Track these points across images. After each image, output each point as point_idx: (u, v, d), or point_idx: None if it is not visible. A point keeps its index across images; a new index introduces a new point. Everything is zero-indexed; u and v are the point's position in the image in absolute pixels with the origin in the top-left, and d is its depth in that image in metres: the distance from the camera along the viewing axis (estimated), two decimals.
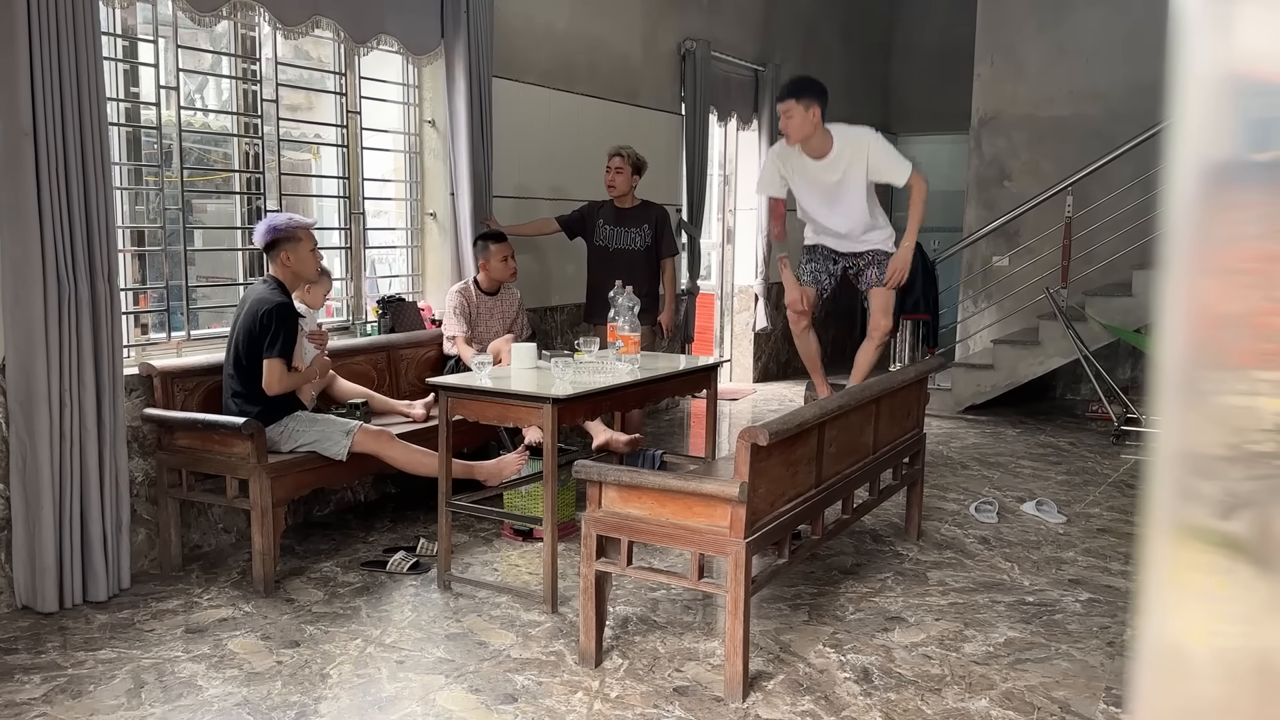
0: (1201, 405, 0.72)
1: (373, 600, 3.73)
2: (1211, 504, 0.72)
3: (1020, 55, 8.02)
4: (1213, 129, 0.71)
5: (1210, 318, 0.71)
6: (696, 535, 2.96)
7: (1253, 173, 0.69)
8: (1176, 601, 0.75)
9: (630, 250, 5.41)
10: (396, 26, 4.92)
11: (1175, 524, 0.74)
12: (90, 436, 3.58)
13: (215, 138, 4.87)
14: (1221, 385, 0.72)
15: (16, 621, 3.49)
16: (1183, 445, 0.73)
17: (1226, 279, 0.70)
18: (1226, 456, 0.71)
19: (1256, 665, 0.70)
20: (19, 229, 3.38)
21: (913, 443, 4.36)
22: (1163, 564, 0.74)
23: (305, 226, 4.01)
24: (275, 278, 3.98)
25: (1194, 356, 0.73)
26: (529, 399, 3.60)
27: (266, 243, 3.96)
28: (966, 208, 8.36)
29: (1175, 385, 0.73)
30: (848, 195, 4.48)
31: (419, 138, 5.46)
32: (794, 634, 3.46)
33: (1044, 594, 3.87)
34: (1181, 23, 0.70)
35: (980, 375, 7.60)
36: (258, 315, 3.84)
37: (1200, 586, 0.73)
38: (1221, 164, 0.71)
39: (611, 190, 5.43)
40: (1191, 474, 0.73)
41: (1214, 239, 0.71)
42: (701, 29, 7.48)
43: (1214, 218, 0.71)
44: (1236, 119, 0.70)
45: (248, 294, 4.03)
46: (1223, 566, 0.72)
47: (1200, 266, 0.72)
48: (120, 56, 4.05)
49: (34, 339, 3.42)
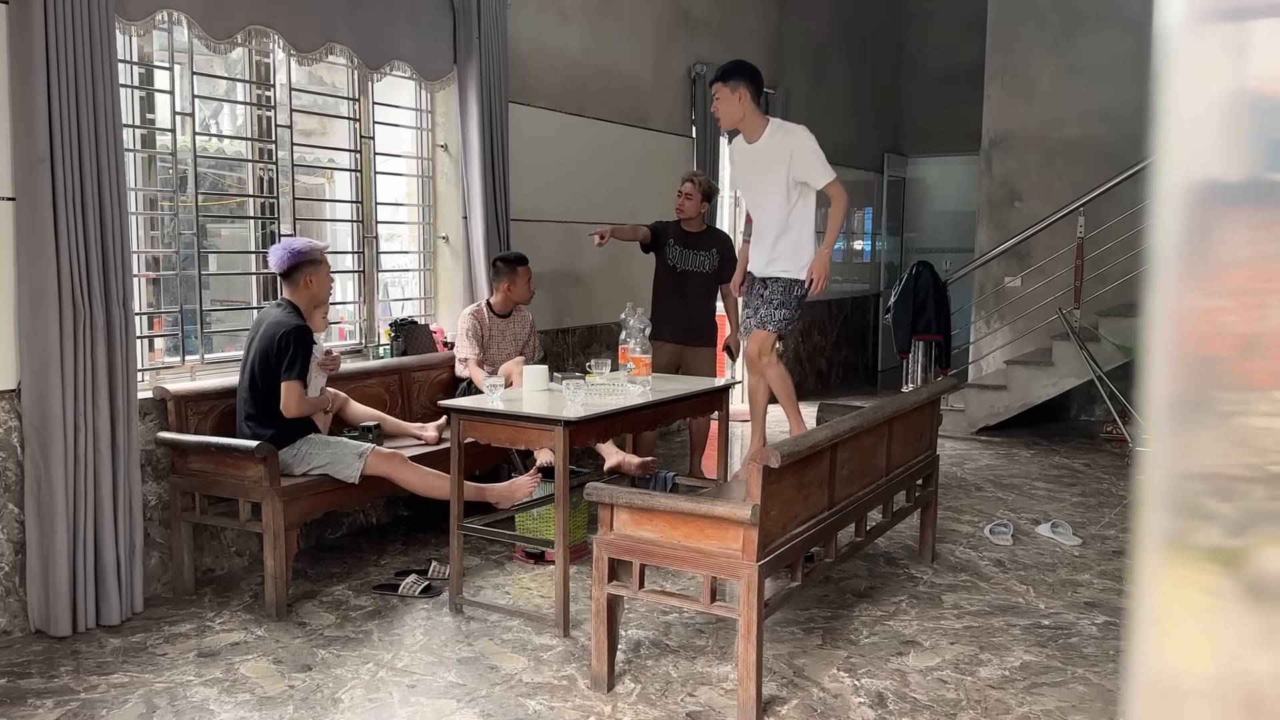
0: (1223, 426, 0.72)
1: (384, 624, 3.72)
2: (1229, 524, 0.72)
3: (1030, 76, 8.03)
4: (1226, 149, 0.71)
5: (1228, 339, 0.71)
6: (709, 558, 2.94)
7: (1272, 193, 0.69)
8: (1171, 625, 0.75)
9: (698, 273, 5.47)
10: (409, 53, 4.96)
11: (1183, 545, 0.73)
12: (104, 460, 3.60)
13: (230, 163, 4.91)
14: (1244, 407, 0.71)
15: (30, 645, 3.49)
16: (1197, 466, 0.73)
17: (1243, 299, 0.70)
18: (1249, 477, 0.71)
19: (1246, 695, 0.70)
20: (36, 255, 3.41)
21: (926, 464, 4.34)
22: (1158, 587, 0.74)
23: (323, 249, 4.04)
24: (290, 301, 3.99)
25: (1212, 378, 0.72)
26: (540, 421, 3.60)
27: (288, 267, 3.97)
28: (978, 228, 8.36)
29: (1171, 406, 0.72)
30: (768, 185, 4.36)
31: (431, 162, 5.50)
32: (808, 658, 3.43)
33: (1060, 617, 3.83)
34: (1167, 46, 0.70)
35: (993, 396, 7.57)
36: (275, 338, 3.86)
37: (1199, 610, 0.73)
38: (1237, 184, 0.71)
39: (681, 213, 5.50)
40: (1210, 495, 0.73)
41: (1230, 260, 0.71)
42: (711, 53, 7.52)
43: (1228, 238, 0.71)
44: (1254, 139, 0.70)
45: (261, 317, 4.05)
46: (1226, 590, 0.72)
47: (1215, 287, 0.71)
48: (137, 83, 4.09)
49: (49, 364, 3.44)
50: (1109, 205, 7.10)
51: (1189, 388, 0.72)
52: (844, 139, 9.98)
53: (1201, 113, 0.70)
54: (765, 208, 4.40)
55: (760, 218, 4.46)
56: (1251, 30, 0.70)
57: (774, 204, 4.35)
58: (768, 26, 8.45)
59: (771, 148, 4.35)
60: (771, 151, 4.34)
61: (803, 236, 4.39)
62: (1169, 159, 0.70)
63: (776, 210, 4.36)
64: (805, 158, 4.29)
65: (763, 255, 4.44)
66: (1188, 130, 0.70)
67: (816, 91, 9.33)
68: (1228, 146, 0.71)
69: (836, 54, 9.75)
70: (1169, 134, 0.70)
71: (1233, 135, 0.70)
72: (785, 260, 4.37)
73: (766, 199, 4.38)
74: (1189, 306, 0.72)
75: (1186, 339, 0.72)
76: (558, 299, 6.17)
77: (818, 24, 9.34)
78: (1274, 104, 0.69)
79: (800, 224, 4.37)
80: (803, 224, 4.38)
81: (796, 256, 4.37)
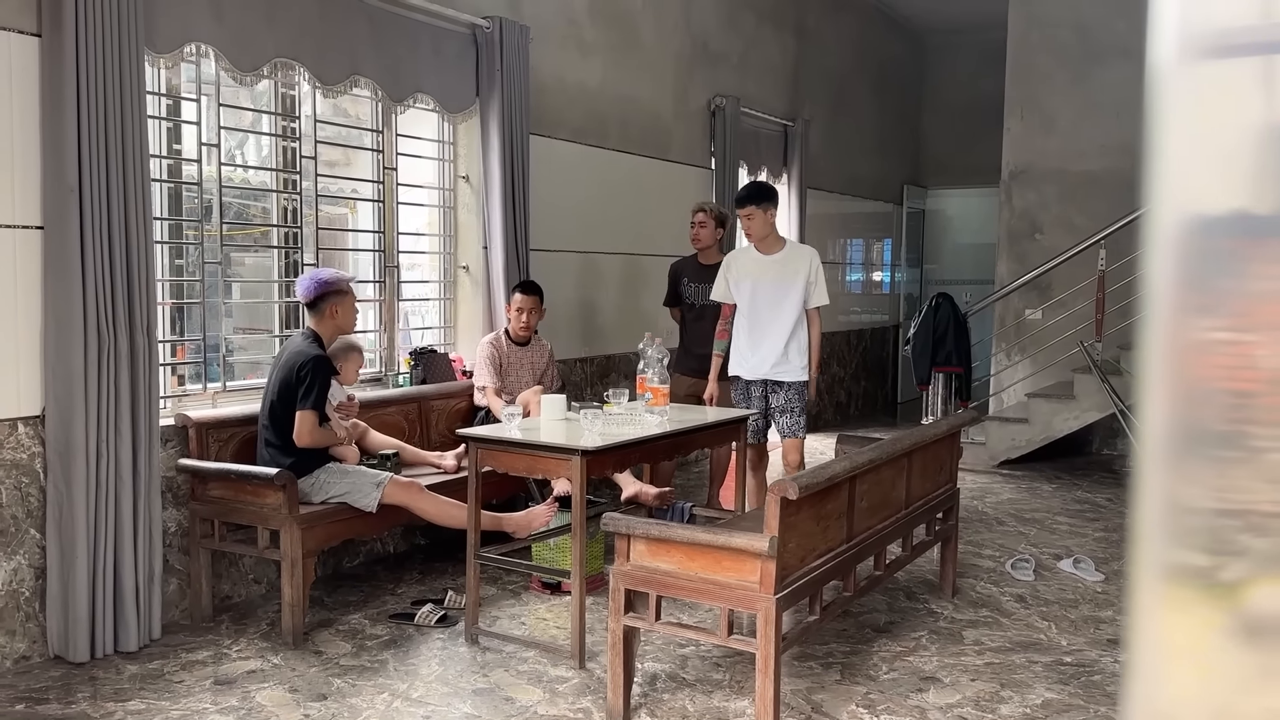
0: (1256, 462, 0.71)
1: (400, 653, 3.71)
2: (1261, 559, 0.71)
3: (1050, 109, 8.04)
4: (1259, 183, 0.71)
5: (1256, 376, 0.71)
6: (726, 590, 2.93)
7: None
8: (1169, 660, 0.74)
9: (715, 305, 5.46)
10: (433, 85, 5.02)
11: (1182, 580, 0.72)
12: (126, 487, 3.62)
13: (254, 193, 4.97)
14: (1275, 443, 0.70)
15: (49, 671, 3.50)
16: (1195, 500, 0.72)
17: (1273, 335, 0.70)
18: (1267, 512, 0.70)
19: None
20: (62, 284, 3.46)
21: (946, 498, 4.31)
22: (1155, 621, 0.73)
23: (350, 279, 4.08)
24: (314, 331, 4.02)
25: (1247, 414, 0.72)
26: (558, 450, 3.60)
27: (315, 296, 4.00)
28: (998, 261, 8.34)
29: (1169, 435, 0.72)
30: (790, 295, 4.80)
31: (453, 193, 5.55)
32: (826, 693, 3.40)
33: (1082, 654, 3.78)
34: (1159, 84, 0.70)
35: (1015, 429, 7.51)
36: (294, 367, 3.88)
37: (1195, 646, 0.72)
38: (1267, 218, 0.71)
39: (697, 244, 5.58)
40: (1242, 530, 0.72)
41: (1262, 294, 0.71)
42: (731, 85, 7.57)
43: (1259, 271, 0.71)
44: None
45: (286, 346, 4.08)
46: (1223, 625, 0.71)
47: (1252, 322, 0.71)
48: (164, 115, 4.16)
49: (73, 391, 3.47)
50: (1130, 238, 7.06)
51: (1184, 418, 0.72)
52: (863, 171, 10.01)
53: (1198, 149, 0.70)
54: (779, 314, 4.84)
55: (771, 323, 4.85)
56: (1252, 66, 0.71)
57: (790, 311, 4.83)
58: (787, 59, 8.50)
59: (794, 260, 4.86)
60: (794, 263, 4.85)
61: (804, 342, 4.88)
62: (1163, 195, 0.70)
63: (790, 317, 4.83)
64: (819, 276, 4.85)
65: (769, 358, 4.86)
66: (1182, 166, 0.70)
67: (836, 123, 9.37)
68: (1258, 179, 0.71)
69: (856, 86, 9.80)
70: (1163, 170, 0.70)
71: (1262, 168, 0.70)
72: (795, 362, 4.85)
73: (783, 306, 4.83)
74: (1184, 338, 0.71)
75: (1181, 371, 0.72)
76: (576, 328, 6.19)
77: (837, 56, 9.40)
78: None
79: (803, 331, 4.88)
80: (804, 332, 4.88)
81: (801, 359, 4.87)
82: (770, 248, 4.88)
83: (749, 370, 4.90)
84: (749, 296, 4.88)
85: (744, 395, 4.92)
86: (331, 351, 4.09)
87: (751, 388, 4.90)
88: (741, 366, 4.92)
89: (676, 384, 5.24)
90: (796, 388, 4.85)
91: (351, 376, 4.35)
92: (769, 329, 4.83)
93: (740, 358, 4.93)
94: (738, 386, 4.95)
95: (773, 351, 4.82)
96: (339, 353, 4.21)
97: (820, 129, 8.94)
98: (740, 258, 5.01)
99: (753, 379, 4.89)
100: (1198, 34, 0.71)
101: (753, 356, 4.87)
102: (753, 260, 4.90)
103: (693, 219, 5.58)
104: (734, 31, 7.70)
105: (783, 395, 4.86)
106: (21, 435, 3.52)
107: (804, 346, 4.87)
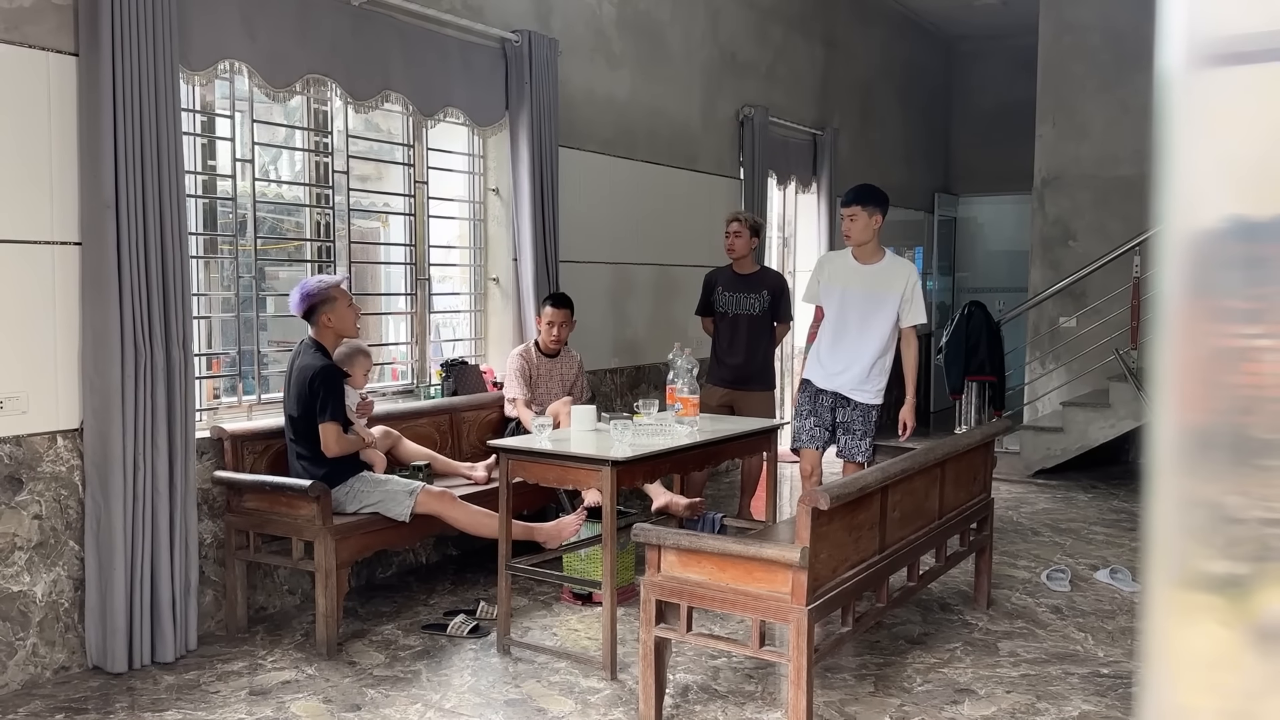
0: (1233, 459, 0.70)
1: (433, 664, 3.73)
2: (1239, 565, 0.71)
3: (1083, 115, 7.97)
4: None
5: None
6: (757, 601, 2.91)
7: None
8: (1183, 666, 0.73)
9: (749, 315, 5.48)
10: (463, 100, 5.06)
11: (1195, 584, 0.72)
12: (162, 499, 3.67)
13: (288, 207, 5.03)
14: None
15: (87, 681, 3.54)
16: (1213, 502, 0.71)
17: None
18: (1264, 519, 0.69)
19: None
20: (99, 298, 3.51)
21: (980, 508, 4.27)
22: (1169, 627, 0.73)
23: (336, 284, 4.07)
24: (316, 340, 4.05)
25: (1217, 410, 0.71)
26: (588, 461, 3.61)
27: (306, 309, 4.04)
28: (1031, 268, 8.26)
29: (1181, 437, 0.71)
30: (882, 310, 4.52)
31: (483, 205, 5.58)
32: (859, 705, 3.37)
33: (1119, 666, 3.72)
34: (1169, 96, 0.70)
35: (1050, 438, 7.43)
36: (305, 382, 3.92)
37: (1210, 651, 0.71)
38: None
39: (732, 253, 5.53)
40: (1220, 534, 0.71)
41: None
42: (760, 95, 7.57)
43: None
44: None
45: (291, 360, 4.10)
46: (1236, 631, 0.70)
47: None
48: (199, 131, 4.22)
49: (110, 404, 3.53)
50: None
51: (1196, 419, 0.71)
52: (894, 179, 9.95)
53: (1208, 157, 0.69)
54: (872, 328, 4.54)
55: (861, 338, 4.56)
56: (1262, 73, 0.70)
57: (882, 327, 4.54)
58: (816, 68, 8.49)
59: (891, 273, 4.56)
60: (891, 276, 4.54)
61: (889, 365, 4.60)
62: (1174, 202, 0.69)
63: (883, 333, 4.54)
64: (916, 292, 4.53)
65: (855, 374, 4.57)
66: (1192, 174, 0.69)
67: (866, 132, 9.34)
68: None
69: (886, 94, 9.76)
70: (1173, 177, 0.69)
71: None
72: (876, 384, 4.58)
73: (875, 320, 4.54)
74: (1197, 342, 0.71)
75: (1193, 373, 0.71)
76: (606, 339, 6.20)
77: (866, 65, 9.37)
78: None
79: (892, 352, 4.58)
80: (892, 353, 4.59)
81: (882, 381, 4.60)
82: (868, 256, 4.56)
83: (822, 378, 4.62)
84: (838, 304, 4.59)
85: (810, 402, 4.65)
86: (337, 358, 4.10)
87: (821, 397, 4.62)
88: (816, 372, 4.65)
89: (708, 394, 5.22)
90: (864, 409, 4.58)
91: (360, 380, 4.35)
92: (855, 344, 4.55)
93: (817, 363, 4.66)
94: (806, 391, 4.68)
95: (853, 366, 4.54)
96: (345, 358, 4.19)
97: (850, 138, 8.91)
98: (834, 261, 4.72)
99: (824, 388, 4.62)
100: (1207, 41, 0.70)
101: (831, 364, 4.59)
102: (847, 267, 4.61)
103: (728, 228, 5.54)
104: (762, 42, 7.70)
105: (849, 413, 4.58)
106: (60, 448, 3.58)
107: (887, 369, 4.57)
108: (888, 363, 4.59)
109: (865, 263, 4.57)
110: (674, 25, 6.68)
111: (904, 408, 4.64)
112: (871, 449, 4.60)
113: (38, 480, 3.52)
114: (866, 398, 4.57)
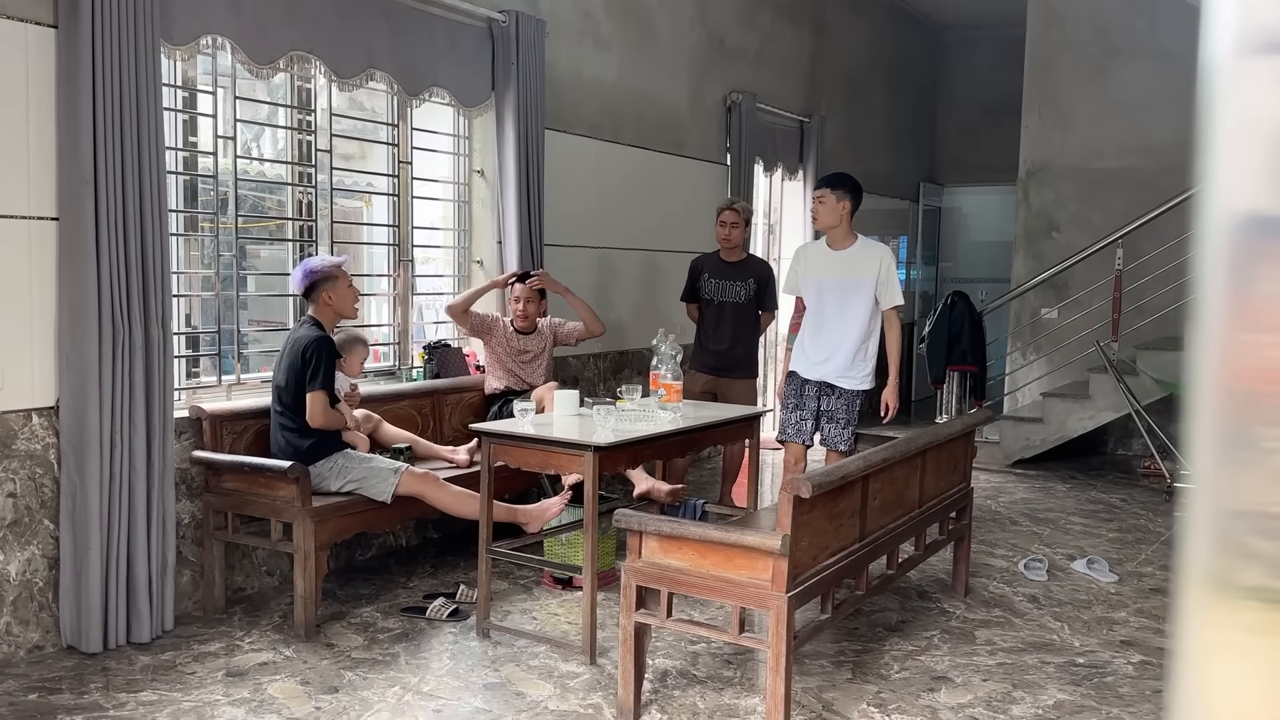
0: (1267, 464, 0.70)
1: (411, 647, 3.72)
2: (1273, 564, 0.70)
3: (1069, 107, 7.98)
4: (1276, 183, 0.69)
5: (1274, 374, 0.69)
6: (738, 588, 2.92)
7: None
8: (1213, 665, 0.72)
9: (734, 303, 5.49)
10: (448, 79, 5.01)
11: (1227, 584, 0.71)
12: (139, 478, 3.63)
13: (270, 185, 4.97)
14: None
15: (61, 661, 3.52)
16: (1242, 504, 0.71)
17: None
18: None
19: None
20: (77, 274, 3.47)
21: (960, 497, 4.29)
22: (1200, 626, 0.72)
23: (339, 264, 4.08)
24: (314, 318, 4.04)
25: (1259, 414, 0.70)
26: (571, 446, 3.60)
27: (307, 286, 4.03)
28: (1014, 259, 8.29)
29: (1219, 442, 0.70)
30: (858, 294, 4.52)
31: (468, 187, 5.54)
32: (837, 692, 3.38)
33: (1095, 655, 3.76)
34: (1214, 78, 0.68)
35: (1029, 429, 7.47)
36: (300, 350, 3.91)
37: (1241, 651, 0.71)
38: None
39: (728, 243, 5.52)
40: (1253, 533, 0.71)
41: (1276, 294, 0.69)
42: (747, 81, 7.54)
43: (1274, 273, 0.69)
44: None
45: (288, 336, 4.10)
46: (1269, 630, 0.70)
47: (1263, 323, 0.70)
48: (180, 107, 4.17)
49: (87, 382, 3.49)
50: (1148, 237, 7.01)
51: (1236, 424, 0.70)
52: (879, 168, 9.96)
53: (1252, 146, 0.68)
54: (850, 315, 4.54)
55: (840, 324, 4.56)
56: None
57: (860, 312, 4.53)
58: (804, 55, 8.46)
59: (864, 258, 4.54)
60: (864, 261, 4.53)
61: (874, 349, 4.58)
62: (1215, 192, 0.68)
63: (862, 318, 4.53)
64: (890, 275, 4.53)
65: (840, 361, 4.56)
66: (1235, 163, 0.68)
67: (852, 120, 9.33)
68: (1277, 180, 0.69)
69: (872, 83, 9.75)
70: (1216, 167, 0.68)
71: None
72: (862, 369, 4.57)
73: (853, 304, 4.54)
74: (1235, 341, 0.70)
75: (1233, 375, 0.70)
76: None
77: (854, 53, 9.35)
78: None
79: (875, 336, 4.57)
80: (876, 336, 4.58)
81: (867, 367, 4.58)
82: (840, 242, 4.56)
83: (808, 368, 4.62)
84: (815, 292, 4.61)
85: (796, 393, 4.66)
86: (337, 343, 4.11)
87: (806, 387, 4.63)
88: (801, 363, 4.65)
89: (691, 380, 5.22)
90: (849, 396, 4.57)
91: (355, 369, 4.35)
92: (835, 330, 4.55)
93: (802, 354, 4.66)
94: (793, 383, 4.70)
95: (836, 353, 4.55)
96: (344, 344, 4.23)
97: (836, 125, 8.90)
98: (809, 251, 4.75)
99: (810, 379, 4.63)
100: (1255, 29, 0.69)
101: (815, 353, 4.60)
102: (822, 254, 4.62)
103: (721, 218, 5.50)
104: (750, 27, 7.67)
105: (833, 401, 4.57)
106: (35, 426, 3.54)
107: (872, 353, 4.57)
108: (872, 347, 4.59)
109: (837, 248, 4.58)
110: (662, 8, 6.64)
111: (886, 389, 4.64)
112: (853, 437, 4.59)
113: (12, 458, 3.48)
114: (853, 383, 4.57)
